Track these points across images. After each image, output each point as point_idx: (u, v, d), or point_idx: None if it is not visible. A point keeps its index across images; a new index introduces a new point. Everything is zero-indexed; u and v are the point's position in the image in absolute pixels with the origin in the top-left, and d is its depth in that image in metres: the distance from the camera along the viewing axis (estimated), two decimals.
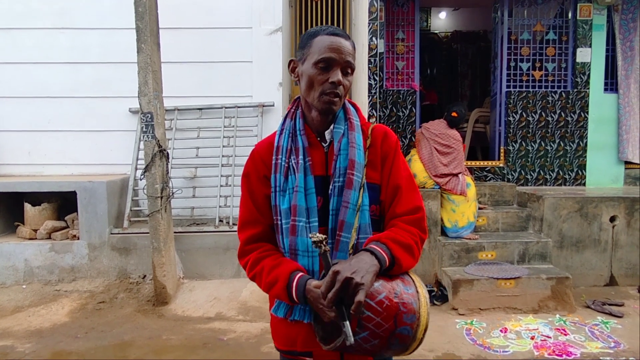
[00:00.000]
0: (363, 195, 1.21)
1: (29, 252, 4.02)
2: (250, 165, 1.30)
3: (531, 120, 5.15)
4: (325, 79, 1.18)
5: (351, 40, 1.24)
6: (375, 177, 1.25)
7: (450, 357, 2.89)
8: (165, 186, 3.69)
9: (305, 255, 1.19)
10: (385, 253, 1.11)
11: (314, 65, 1.19)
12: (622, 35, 5.07)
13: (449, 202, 4.15)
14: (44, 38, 4.57)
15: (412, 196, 1.27)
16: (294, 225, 1.19)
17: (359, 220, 1.19)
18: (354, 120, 1.27)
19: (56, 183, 4.13)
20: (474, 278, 3.63)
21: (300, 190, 1.19)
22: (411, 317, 1.06)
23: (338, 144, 1.23)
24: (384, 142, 1.28)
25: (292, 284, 1.14)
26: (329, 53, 1.17)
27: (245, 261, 1.27)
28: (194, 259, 4.09)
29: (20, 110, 4.63)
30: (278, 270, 1.18)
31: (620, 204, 4.16)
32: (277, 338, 1.30)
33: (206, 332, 3.23)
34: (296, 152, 1.23)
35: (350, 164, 1.20)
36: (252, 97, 4.56)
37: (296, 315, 1.20)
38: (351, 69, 1.21)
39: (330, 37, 1.19)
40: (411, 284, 1.14)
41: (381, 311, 1.04)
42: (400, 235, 1.18)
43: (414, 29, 5.33)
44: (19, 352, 2.94)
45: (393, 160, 1.27)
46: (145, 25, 3.46)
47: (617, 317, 3.47)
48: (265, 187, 1.26)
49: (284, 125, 1.29)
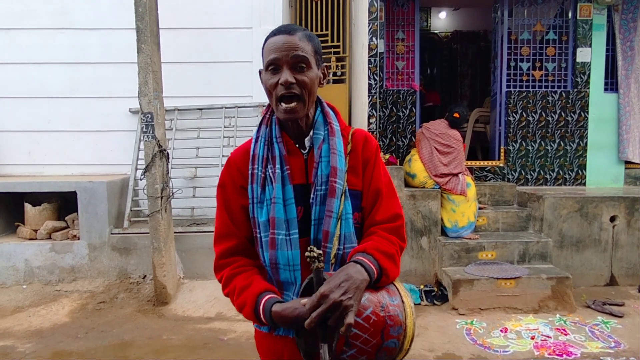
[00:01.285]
0: (345, 203, 1.16)
1: (29, 252, 4.02)
2: (225, 175, 1.24)
3: (531, 120, 5.15)
4: (276, 82, 1.11)
5: (303, 32, 1.15)
6: (357, 184, 1.21)
7: (450, 357, 2.89)
8: (166, 186, 3.69)
9: (286, 269, 1.15)
10: (373, 265, 1.07)
11: (265, 70, 1.14)
12: (622, 35, 5.07)
13: (449, 202, 4.15)
14: (43, 38, 4.58)
15: (392, 203, 1.23)
16: (273, 238, 1.14)
17: (342, 229, 1.15)
18: (334, 125, 1.21)
19: (56, 183, 4.13)
20: (474, 278, 3.63)
21: (278, 202, 1.14)
22: (397, 329, 1.04)
23: (318, 151, 1.17)
24: (365, 147, 1.23)
25: (259, 309, 1.09)
26: (272, 54, 1.11)
27: (220, 276, 1.22)
28: (194, 259, 4.09)
29: (20, 110, 4.63)
30: (246, 293, 1.13)
31: (621, 204, 4.16)
32: (263, 352, 1.27)
33: (206, 332, 3.23)
34: (273, 160, 1.18)
35: (333, 171, 1.15)
36: (252, 97, 4.56)
37: (280, 330, 1.17)
38: (305, 63, 1.12)
39: (275, 37, 1.13)
40: (396, 293, 1.10)
41: (368, 327, 1.01)
42: (384, 245, 1.14)
43: (414, 29, 5.33)
44: (19, 352, 2.94)
45: (374, 166, 1.23)
46: (145, 26, 3.46)
47: (618, 317, 3.47)
48: (242, 197, 1.21)
49: (259, 132, 1.22)
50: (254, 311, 1.10)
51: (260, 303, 1.10)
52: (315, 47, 1.17)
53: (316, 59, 1.17)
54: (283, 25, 1.16)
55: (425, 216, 4.15)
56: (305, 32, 1.16)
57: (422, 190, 4.18)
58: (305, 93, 1.13)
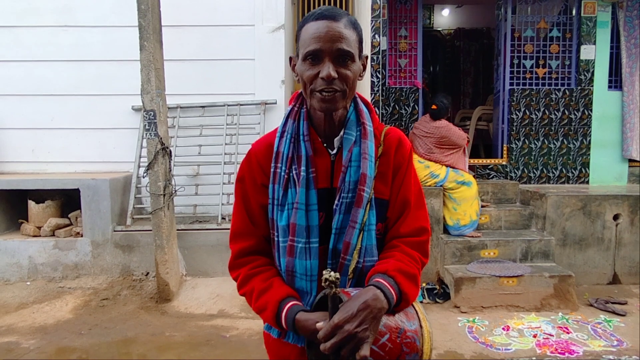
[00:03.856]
0: (370, 213, 1.08)
1: (33, 249, 4.04)
2: (245, 169, 1.15)
3: (534, 118, 5.13)
4: (315, 75, 1.02)
5: (347, 17, 1.04)
6: (385, 192, 1.12)
7: (452, 355, 2.90)
8: (168, 184, 3.70)
9: (303, 279, 1.09)
10: (393, 290, 1.00)
11: (303, 60, 1.04)
12: (627, 32, 5.04)
13: (450, 200, 4.15)
14: (46, 36, 4.58)
15: (419, 215, 1.14)
16: (292, 245, 1.07)
17: (364, 241, 1.08)
18: (368, 126, 1.11)
19: (60, 180, 4.15)
20: (477, 276, 3.63)
21: (300, 207, 1.06)
22: (414, 356, 1.00)
23: (348, 154, 1.08)
24: (397, 151, 1.13)
25: (282, 315, 1.04)
26: (314, 44, 1.00)
27: (236, 275, 1.16)
28: (197, 256, 4.10)
29: (23, 107, 4.64)
30: (267, 297, 1.08)
31: (624, 202, 4.14)
32: (271, 353, 1.23)
33: (209, 329, 3.24)
34: (298, 161, 1.09)
35: (362, 179, 1.06)
36: (254, 95, 4.56)
37: (290, 338, 1.14)
38: (349, 56, 1.02)
39: (316, 22, 1.01)
40: (415, 317, 1.05)
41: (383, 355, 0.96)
42: (406, 265, 1.06)
43: (417, 26, 5.31)
44: (23, 348, 2.96)
45: (405, 173, 1.13)
46: (147, 23, 3.46)
47: (620, 315, 3.46)
48: (261, 195, 1.13)
49: (285, 126, 1.13)
50: (275, 316, 1.05)
51: (283, 310, 1.05)
52: (360, 35, 1.07)
53: (359, 49, 1.07)
54: (326, 8, 1.04)
55: None
56: (349, 17, 1.05)
57: (424, 188, 4.17)
58: (348, 87, 1.04)
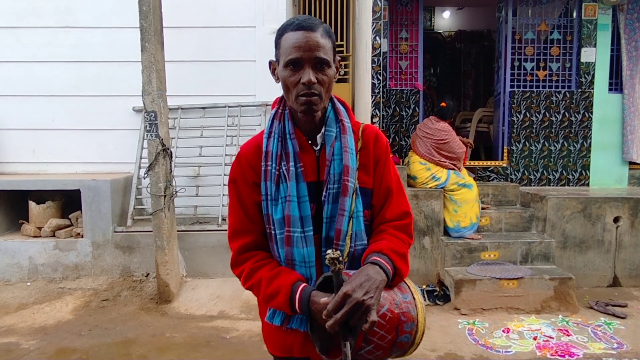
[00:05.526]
0: (356, 201, 1.18)
1: (33, 249, 4.04)
2: (236, 170, 1.23)
3: (535, 120, 5.14)
4: (297, 80, 1.11)
5: (323, 27, 1.13)
6: (368, 182, 1.22)
7: (452, 357, 2.89)
8: (169, 185, 3.70)
9: (302, 266, 1.17)
10: (389, 265, 1.11)
11: (284, 67, 1.13)
12: (627, 35, 5.05)
13: (451, 202, 4.15)
14: (47, 36, 4.59)
15: (401, 201, 1.25)
16: (289, 235, 1.16)
17: (353, 227, 1.18)
18: (346, 123, 1.22)
19: (60, 181, 4.15)
20: (477, 278, 3.63)
21: (293, 200, 1.15)
22: (410, 325, 1.10)
23: (331, 149, 1.18)
24: (375, 144, 1.24)
25: (295, 296, 1.11)
26: (295, 53, 1.10)
27: (240, 271, 1.22)
28: (197, 258, 4.10)
29: (24, 108, 4.65)
30: (278, 282, 1.14)
31: (624, 205, 4.14)
32: (272, 344, 1.28)
33: (209, 330, 3.24)
34: (286, 157, 1.18)
35: (345, 170, 1.17)
36: (255, 97, 4.57)
37: (293, 324, 1.19)
38: (326, 63, 1.12)
39: (295, 33, 1.11)
40: (407, 291, 1.15)
41: (384, 324, 1.06)
42: (397, 245, 1.17)
43: (418, 28, 5.32)
44: (23, 349, 2.96)
45: (385, 164, 1.25)
46: (149, 24, 3.47)
47: (620, 318, 3.46)
48: (254, 194, 1.21)
49: (271, 127, 1.22)
50: (289, 298, 1.12)
51: (296, 291, 1.11)
52: (333, 42, 1.17)
53: (333, 55, 1.17)
54: (303, 19, 1.13)
55: (427, 216, 4.15)
56: (324, 27, 1.15)
57: (424, 190, 4.18)
58: (323, 90, 1.14)
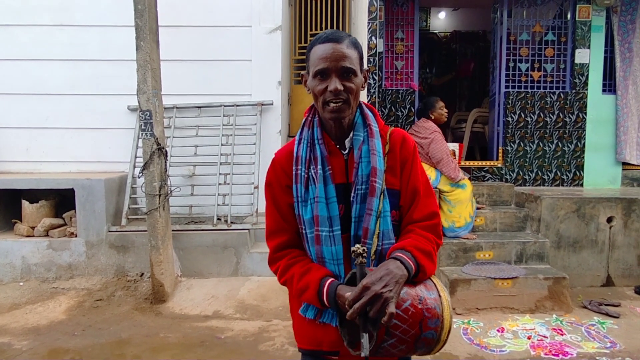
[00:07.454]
0: (384, 202, 1.23)
1: (26, 249, 4.01)
2: (271, 175, 1.32)
3: (529, 121, 5.16)
4: (324, 89, 1.20)
5: (349, 39, 1.22)
6: (395, 183, 1.27)
7: (447, 357, 2.90)
8: (164, 184, 3.69)
9: (331, 263, 1.23)
10: (411, 261, 1.14)
11: (313, 77, 1.22)
12: (621, 36, 5.09)
13: (445, 202, 4.16)
14: (42, 35, 4.55)
15: (429, 202, 1.29)
16: (318, 235, 1.23)
17: (381, 227, 1.22)
18: (374, 127, 1.28)
19: (54, 180, 4.12)
20: (472, 278, 3.64)
21: (321, 201, 1.22)
22: (435, 321, 1.11)
23: (358, 152, 1.24)
24: (402, 147, 1.30)
25: (323, 290, 1.18)
26: (322, 64, 1.18)
27: (276, 268, 1.31)
28: (192, 257, 4.09)
29: (18, 107, 4.61)
30: (308, 277, 1.22)
31: (618, 205, 4.17)
32: (302, 338, 1.34)
33: (203, 330, 3.23)
34: (315, 161, 1.25)
35: (372, 172, 1.22)
36: (251, 96, 4.56)
37: (325, 317, 1.24)
38: (352, 72, 1.20)
39: (323, 45, 1.20)
40: (433, 288, 1.17)
41: (407, 318, 1.08)
42: (421, 243, 1.20)
43: (414, 29, 5.34)
44: (16, 350, 2.94)
45: (412, 166, 1.29)
46: (144, 23, 3.45)
47: (614, 317, 3.48)
48: (288, 196, 1.29)
49: (301, 134, 1.30)
50: (317, 292, 1.18)
51: (324, 286, 1.18)
52: (360, 53, 1.24)
53: (360, 64, 1.24)
54: (330, 33, 1.22)
55: None
56: (350, 39, 1.23)
57: None
58: (351, 97, 1.21)
